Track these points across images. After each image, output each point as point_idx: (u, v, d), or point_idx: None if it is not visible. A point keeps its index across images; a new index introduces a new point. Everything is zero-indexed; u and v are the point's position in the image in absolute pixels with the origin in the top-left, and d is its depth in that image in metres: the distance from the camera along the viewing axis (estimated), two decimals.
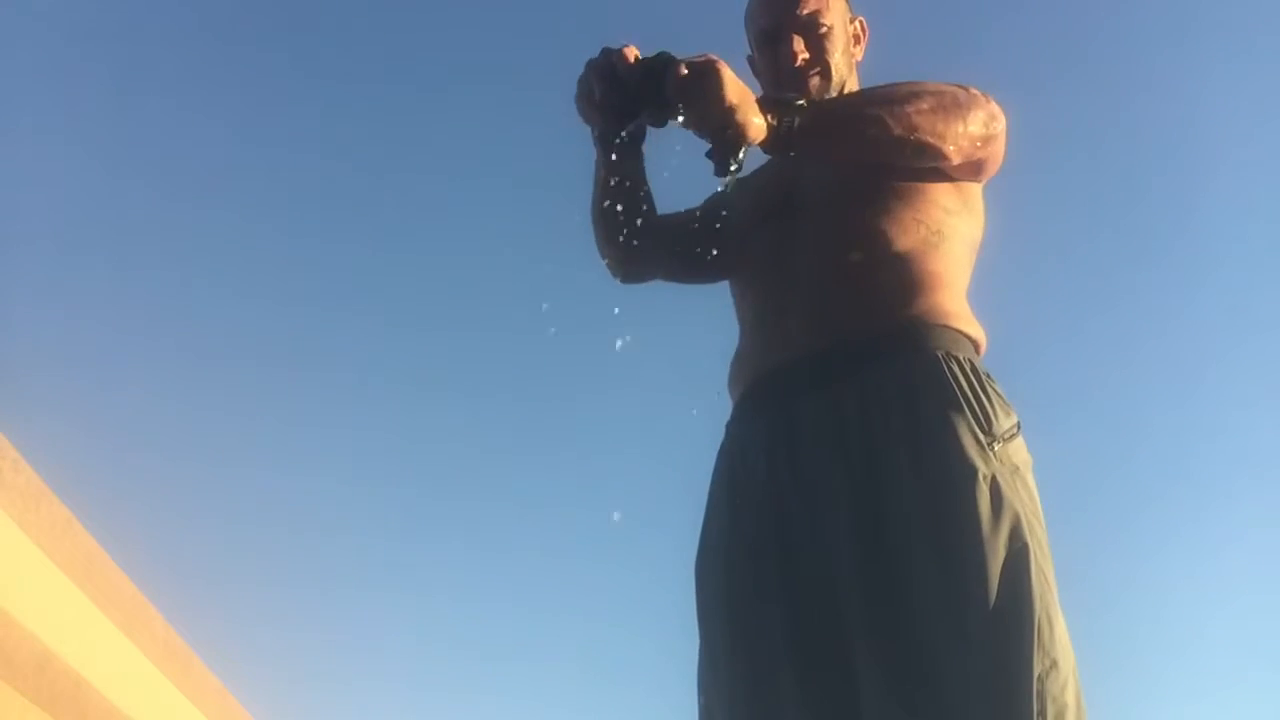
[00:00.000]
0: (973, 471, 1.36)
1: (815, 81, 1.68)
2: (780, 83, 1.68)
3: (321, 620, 6.08)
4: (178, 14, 5.93)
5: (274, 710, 4.28)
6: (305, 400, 6.34)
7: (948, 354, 1.46)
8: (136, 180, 5.95)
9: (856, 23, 1.76)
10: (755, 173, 1.76)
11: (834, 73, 1.70)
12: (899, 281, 1.52)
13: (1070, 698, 1.29)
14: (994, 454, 1.39)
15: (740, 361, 1.64)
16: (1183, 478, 6.20)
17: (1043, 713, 1.26)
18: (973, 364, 1.48)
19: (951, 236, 1.57)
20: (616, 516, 1.55)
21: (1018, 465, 1.42)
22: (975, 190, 1.63)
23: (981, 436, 1.39)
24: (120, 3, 5.91)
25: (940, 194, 1.58)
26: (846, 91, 1.72)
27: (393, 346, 6.56)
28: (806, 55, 1.68)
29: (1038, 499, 1.43)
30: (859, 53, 1.76)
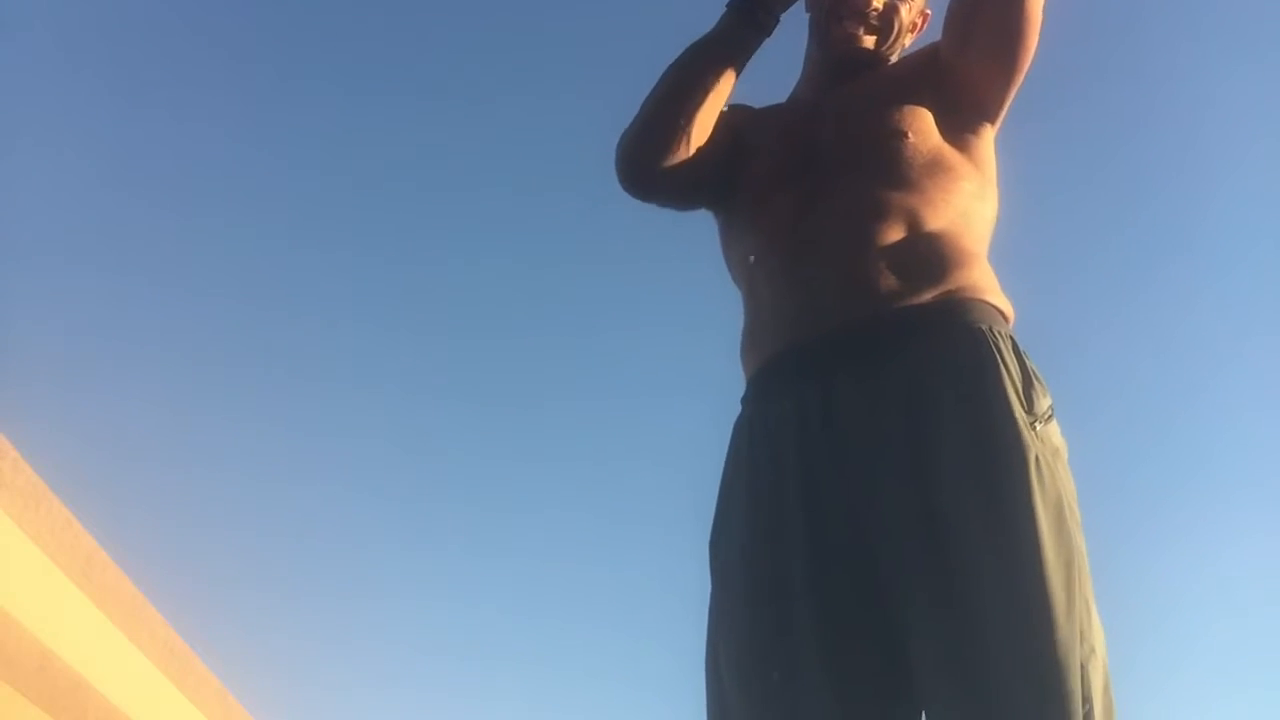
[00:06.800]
0: (1025, 451, 1.32)
1: (869, 37, 1.68)
2: (837, 14, 1.68)
3: (321, 621, 6.09)
4: (176, 22, 5.95)
5: (274, 710, 4.29)
6: (304, 404, 6.36)
7: (991, 328, 1.42)
8: (136, 186, 5.97)
9: (925, 13, 1.75)
10: (767, 127, 1.70)
11: (888, 37, 1.69)
12: (936, 256, 1.47)
13: (1105, 683, 1.29)
14: (1037, 433, 1.35)
15: (759, 331, 1.56)
16: (1193, 476, 6.19)
17: (1088, 698, 1.25)
18: (1013, 339, 1.45)
19: (974, 216, 1.55)
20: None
21: (1057, 447, 1.39)
22: (991, 170, 1.61)
23: (1026, 415, 1.36)
24: (119, 11, 5.93)
25: (966, 173, 1.57)
26: (879, 63, 1.72)
27: (392, 352, 6.58)
28: (878, 6, 1.67)
29: (1073, 484, 1.39)
30: (909, 40, 1.75)
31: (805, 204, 1.55)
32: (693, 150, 1.58)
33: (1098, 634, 1.31)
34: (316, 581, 6.19)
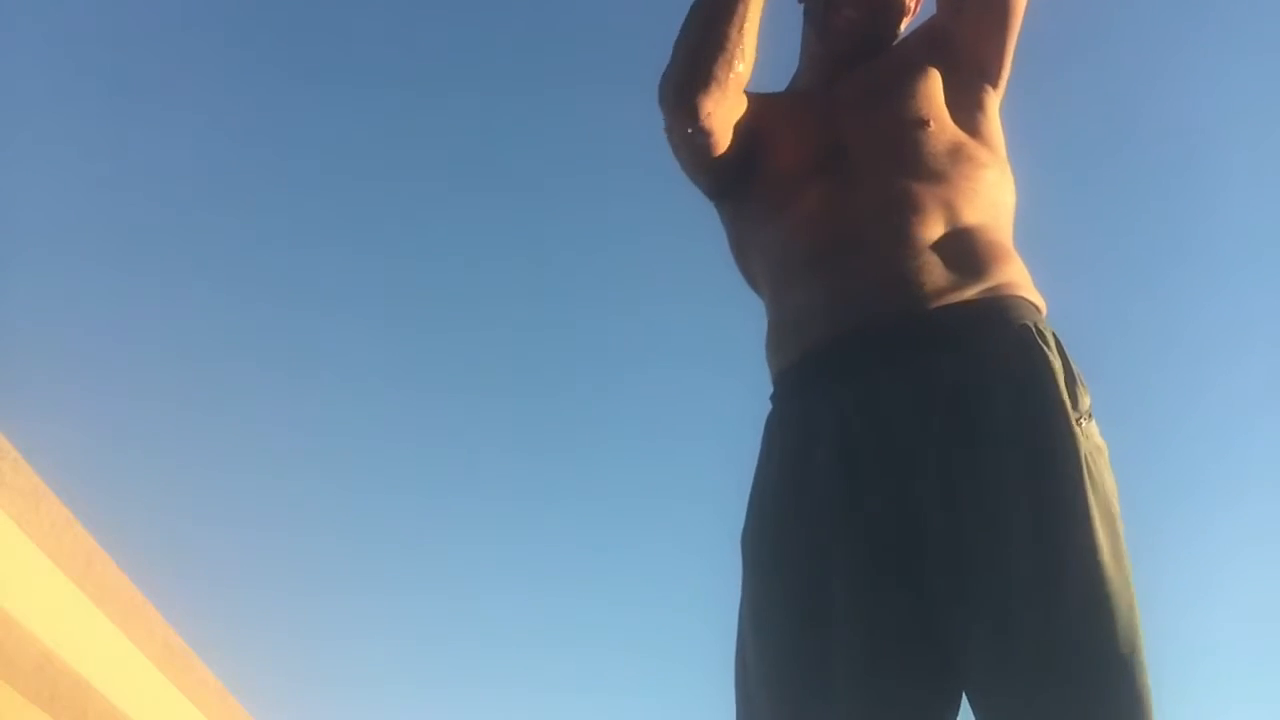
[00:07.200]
0: (1077, 450, 1.33)
1: (869, 22, 1.67)
2: (835, 2, 1.66)
3: (322, 620, 6.09)
4: (175, 19, 5.95)
5: (274, 710, 4.29)
6: (304, 401, 6.36)
7: (1036, 325, 1.41)
8: (135, 184, 5.97)
9: None
10: (778, 118, 1.66)
11: (888, 20, 1.69)
12: (975, 252, 1.46)
13: (1148, 675, 1.28)
14: (1083, 430, 1.35)
15: (788, 328, 1.52)
16: (1194, 485, 6.17)
17: (1145, 687, 1.25)
18: (1056, 336, 1.43)
19: (1002, 207, 1.54)
20: None
21: (1100, 445, 1.38)
22: (1004, 149, 1.61)
23: (1072, 413, 1.35)
24: (117, 8, 5.92)
25: (985, 159, 1.56)
26: (881, 48, 1.70)
27: (392, 347, 6.58)
28: None
29: (1115, 483, 1.38)
30: (906, 23, 1.74)
31: (834, 198, 1.52)
32: (749, 67, 1.54)
33: (1141, 628, 1.30)
34: (317, 580, 6.20)
